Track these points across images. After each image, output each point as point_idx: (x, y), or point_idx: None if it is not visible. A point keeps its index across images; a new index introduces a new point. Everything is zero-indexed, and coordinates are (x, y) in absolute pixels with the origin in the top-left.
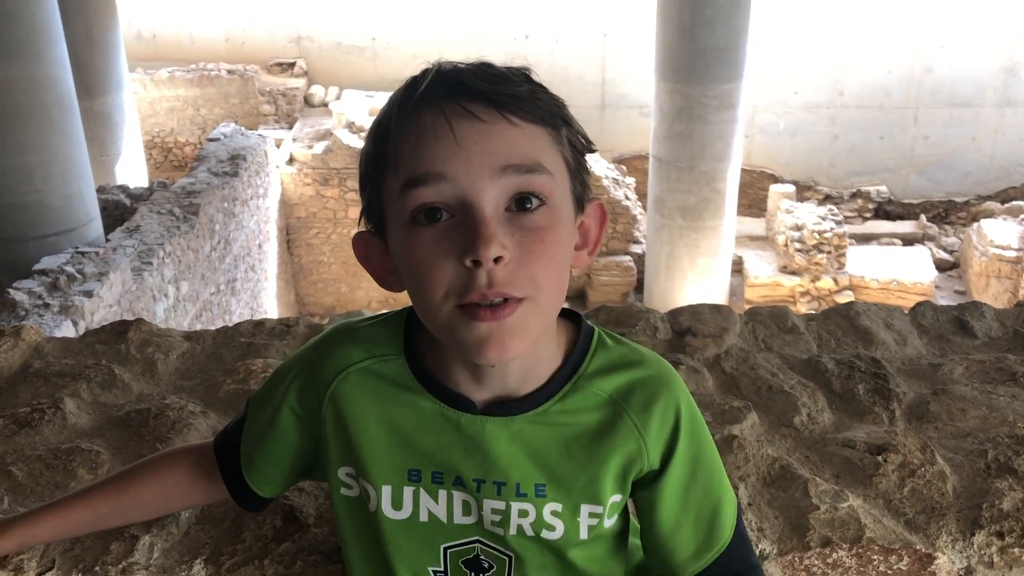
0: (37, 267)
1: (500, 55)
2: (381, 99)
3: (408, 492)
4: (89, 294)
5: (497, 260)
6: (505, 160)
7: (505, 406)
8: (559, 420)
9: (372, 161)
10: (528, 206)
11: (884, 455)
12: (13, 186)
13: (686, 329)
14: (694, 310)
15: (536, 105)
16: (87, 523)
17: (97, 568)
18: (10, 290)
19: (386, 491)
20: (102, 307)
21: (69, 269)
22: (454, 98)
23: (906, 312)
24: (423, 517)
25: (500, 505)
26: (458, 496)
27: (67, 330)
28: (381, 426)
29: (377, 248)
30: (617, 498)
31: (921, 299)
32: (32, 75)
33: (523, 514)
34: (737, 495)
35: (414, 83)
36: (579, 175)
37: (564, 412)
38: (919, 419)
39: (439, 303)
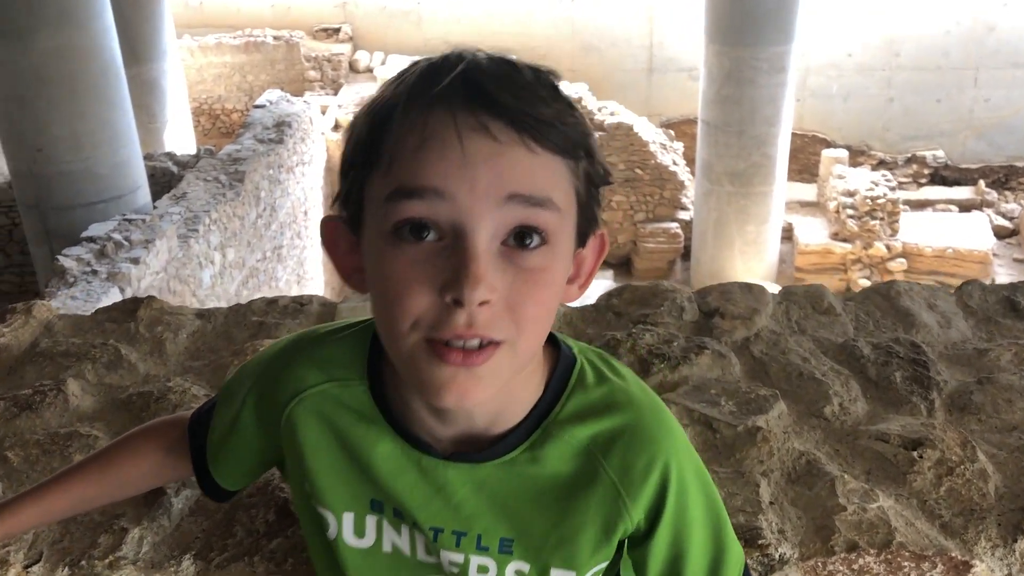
0: (85, 234)
1: (546, 20)
2: None
3: (371, 521)
4: (136, 261)
5: (482, 303)
6: (514, 187)
7: (471, 450)
8: (528, 470)
9: (362, 150)
10: (528, 243)
11: (920, 451)
12: (63, 154)
13: (714, 310)
14: (724, 289)
15: (560, 133)
16: (71, 507)
17: (83, 562)
18: (59, 257)
19: (347, 518)
20: (149, 274)
21: (116, 236)
22: (471, 108)
23: (952, 292)
24: (387, 548)
25: (458, 558)
26: (420, 536)
27: (114, 297)
28: (339, 455)
29: (347, 240)
30: (601, 566)
31: (978, 267)
32: (79, 44)
33: (482, 570)
34: (758, 492)
35: (430, 74)
36: (589, 209)
37: (534, 461)
38: (961, 410)
39: (405, 332)
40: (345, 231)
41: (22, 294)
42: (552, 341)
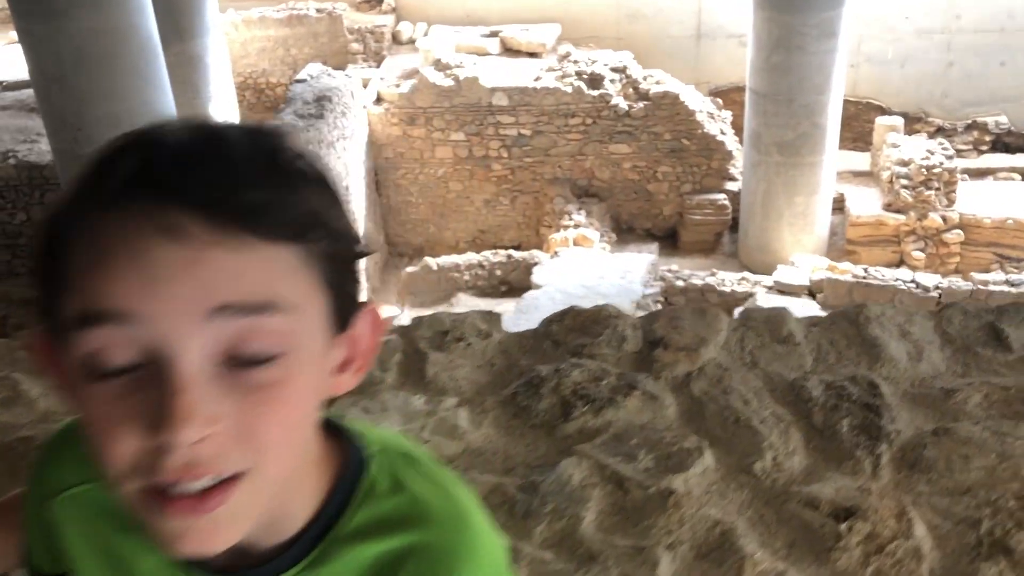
0: None
1: None
2: (468, 35)
3: None
4: None
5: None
6: (222, 298)
7: (245, 565)
8: None
9: (43, 263)
10: (254, 357)
11: (851, 522)
12: (103, 134)
13: (659, 339)
14: (673, 316)
15: (279, 218)
16: None
17: None
18: None
19: None
20: None
21: None
22: (157, 205)
23: (931, 316)
24: None
25: None
26: None
27: None
28: (104, 564)
29: (57, 356)
30: None
31: None
32: (117, 23)
33: None
34: (657, 572)
35: (106, 166)
36: (344, 289)
37: None
38: (910, 468)
39: (119, 479)
40: (50, 343)
41: None
42: (344, 433)
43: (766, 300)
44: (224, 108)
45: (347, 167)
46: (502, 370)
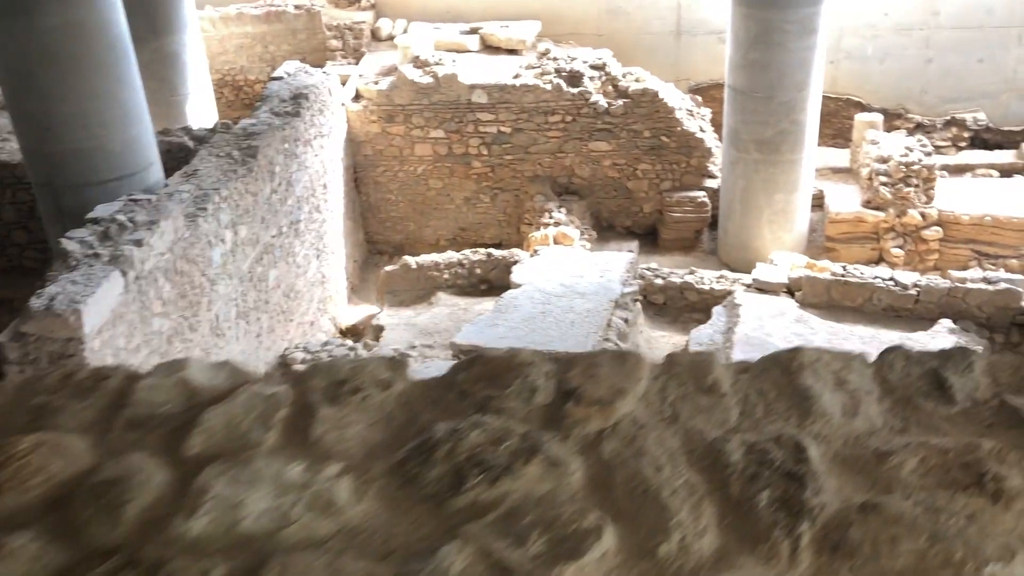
0: (90, 216)
1: None
2: (448, 31)
3: None
4: (139, 243)
5: None
6: None
7: None
8: None
9: None
10: None
11: None
12: (73, 132)
13: (572, 390)
14: (591, 362)
15: None
16: None
17: None
18: (62, 240)
19: None
20: (153, 255)
21: (121, 218)
22: None
23: (870, 362)
24: None
25: None
26: None
27: (116, 280)
28: None
29: None
30: None
31: (1017, 235)
32: (85, 20)
33: None
34: None
35: None
36: None
37: None
38: (832, 551)
39: None
40: None
41: (45, 271)
42: None
43: (745, 298)
44: (201, 105)
45: (325, 165)
46: (400, 426)
